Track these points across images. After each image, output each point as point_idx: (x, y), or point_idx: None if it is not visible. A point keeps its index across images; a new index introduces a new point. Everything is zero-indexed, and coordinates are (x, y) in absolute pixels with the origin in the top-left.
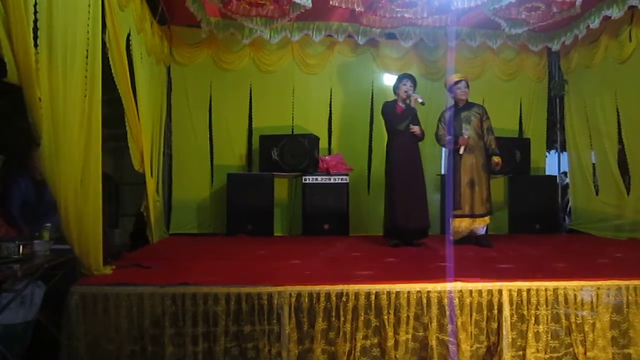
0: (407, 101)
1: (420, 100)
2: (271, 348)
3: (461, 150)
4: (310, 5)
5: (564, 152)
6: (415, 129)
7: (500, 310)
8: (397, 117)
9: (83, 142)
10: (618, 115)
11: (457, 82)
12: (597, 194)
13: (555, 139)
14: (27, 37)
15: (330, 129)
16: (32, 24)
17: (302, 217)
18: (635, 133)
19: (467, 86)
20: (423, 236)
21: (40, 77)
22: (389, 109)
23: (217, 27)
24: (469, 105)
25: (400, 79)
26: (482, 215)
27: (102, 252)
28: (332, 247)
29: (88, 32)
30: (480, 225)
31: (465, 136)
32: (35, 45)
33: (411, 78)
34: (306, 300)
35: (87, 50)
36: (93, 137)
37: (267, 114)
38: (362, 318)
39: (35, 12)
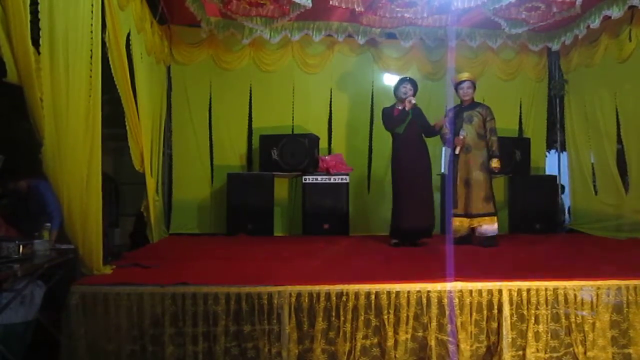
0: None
1: (413, 101)
2: (271, 348)
3: (457, 150)
4: (310, 5)
5: (564, 152)
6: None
7: (500, 310)
8: (394, 120)
9: (89, 142)
10: (617, 115)
11: (460, 82)
12: (596, 194)
13: (555, 139)
14: (27, 37)
15: (330, 129)
16: (29, 24)
17: (302, 217)
18: (634, 133)
19: (472, 87)
20: (427, 235)
21: (42, 77)
22: (385, 114)
23: (217, 27)
24: (473, 105)
25: (400, 82)
26: (480, 216)
27: (102, 252)
28: (333, 247)
29: (92, 32)
30: (481, 225)
31: (461, 136)
32: (38, 45)
33: (411, 81)
34: (306, 300)
35: (91, 50)
36: (94, 137)
37: (267, 114)
38: (362, 318)
39: (37, 13)
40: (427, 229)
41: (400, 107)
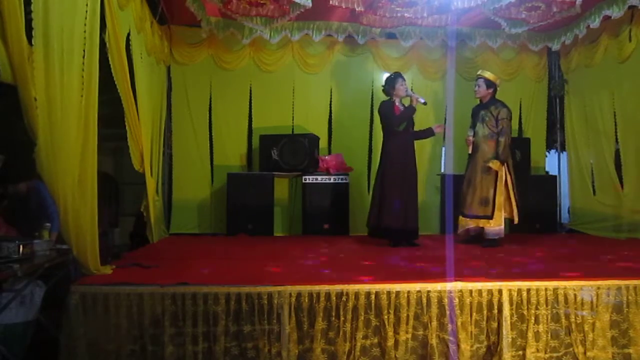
0: (404, 101)
1: (422, 100)
2: (271, 348)
3: (469, 150)
4: (310, 4)
5: (563, 152)
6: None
7: (500, 310)
8: (396, 118)
9: (80, 142)
10: (616, 115)
11: (476, 79)
12: (594, 194)
13: (555, 139)
14: (22, 36)
15: (330, 128)
16: (24, 24)
17: (302, 217)
18: (631, 132)
19: (483, 85)
20: (413, 237)
21: (36, 76)
22: (387, 110)
23: (217, 27)
24: (488, 104)
25: (395, 80)
26: (477, 217)
27: (98, 252)
28: (333, 247)
29: (85, 31)
30: (480, 227)
31: (469, 136)
32: (31, 44)
33: (403, 77)
34: (306, 300)
35: (84, 50)
36: (89, 137)
37: (267, 114)
38: (362, 318)
39: (31, 12)
40: (415, 230)
41: (400, 106)
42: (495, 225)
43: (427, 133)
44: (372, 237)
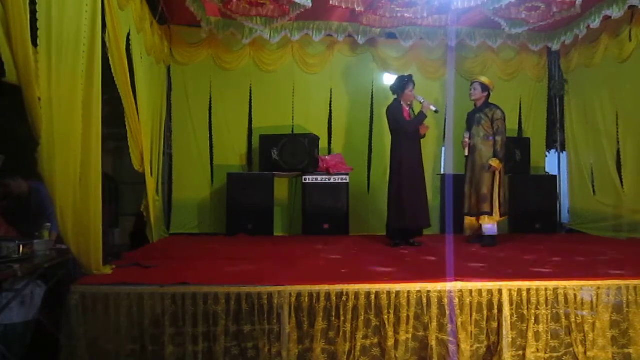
0: (412, 105)
1: (434, 108)
2: (271, 348)
3: (465, 152)
4: (310, 5)
5: (563, 152)
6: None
7: (500, 310)
8: (407, 124)
9: (82, 142)
10: (617, 115)
11: (471, 84)
12: (594, 194)
13: (555, 139)
14: (26, 37)
15: (330, 129)
16: (29, 24)
17: (302, 216)
18: (631, 132)
19: (478, 88)
20: (419, 234)
21: (40, 76)
22: (396, 113)
23: (217, 27)
24: (483, 107)
25: (407, 85)
26: (479, 215)
27: (102, 252)
28: (333, 247)
29: (85, 31)
30: (484, 224)
31: (465, 139)
32: (35, 44)
33: (414, 83)
34: (306, 300)
35: (84, 51)
36: (93, 137)
37: (267, 113)
38: (362, 318)
39: (35, 12)
40: (425, 228)
41: (406, 106)
42: (491, 222)
43: (420, 117)
44: (390, 237)
